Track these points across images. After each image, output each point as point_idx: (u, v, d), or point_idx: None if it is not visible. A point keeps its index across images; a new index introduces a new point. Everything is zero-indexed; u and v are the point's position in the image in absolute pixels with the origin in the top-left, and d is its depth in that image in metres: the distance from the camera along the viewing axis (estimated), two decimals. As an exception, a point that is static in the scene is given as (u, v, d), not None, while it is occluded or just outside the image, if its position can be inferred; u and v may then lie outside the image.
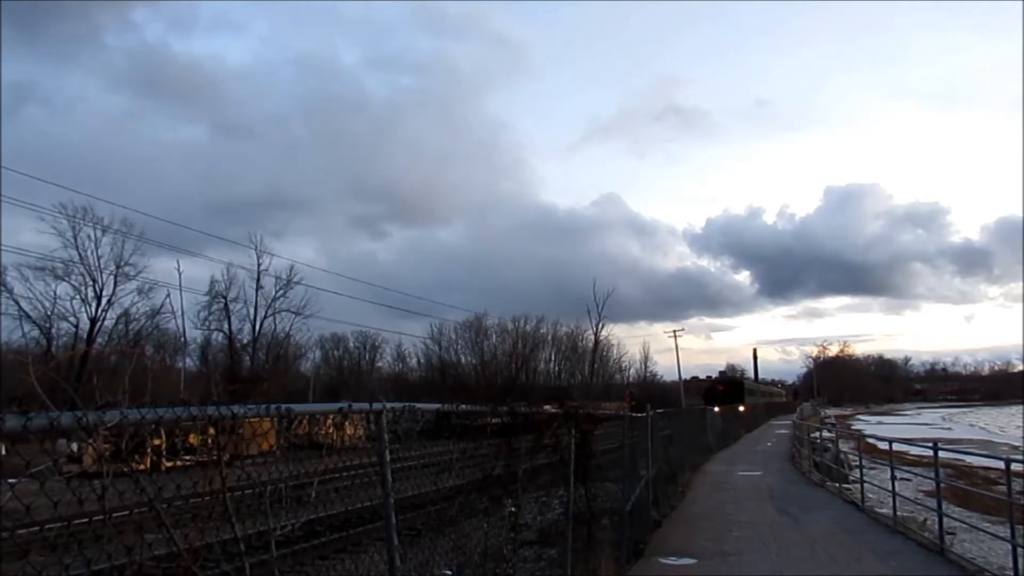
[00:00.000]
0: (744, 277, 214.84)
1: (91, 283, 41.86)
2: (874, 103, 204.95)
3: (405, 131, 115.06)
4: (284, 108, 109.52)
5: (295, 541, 9.83)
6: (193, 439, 17.55)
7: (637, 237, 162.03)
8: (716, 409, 33.44)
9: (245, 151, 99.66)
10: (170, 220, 57.67)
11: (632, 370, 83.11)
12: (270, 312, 50.92)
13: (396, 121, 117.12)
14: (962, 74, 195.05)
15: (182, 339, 44.71)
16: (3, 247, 37.00)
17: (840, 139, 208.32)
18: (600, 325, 74.95)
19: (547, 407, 7.82)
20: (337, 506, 11.81)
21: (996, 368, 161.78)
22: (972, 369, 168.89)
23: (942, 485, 10.76)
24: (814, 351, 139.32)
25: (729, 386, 69.38)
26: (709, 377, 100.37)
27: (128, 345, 37.57)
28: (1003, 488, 9.16)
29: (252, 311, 50.22)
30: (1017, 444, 37.41)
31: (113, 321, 43.68)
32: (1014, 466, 8.55)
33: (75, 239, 40.85)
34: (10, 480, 2.63)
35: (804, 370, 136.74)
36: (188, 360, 47.19)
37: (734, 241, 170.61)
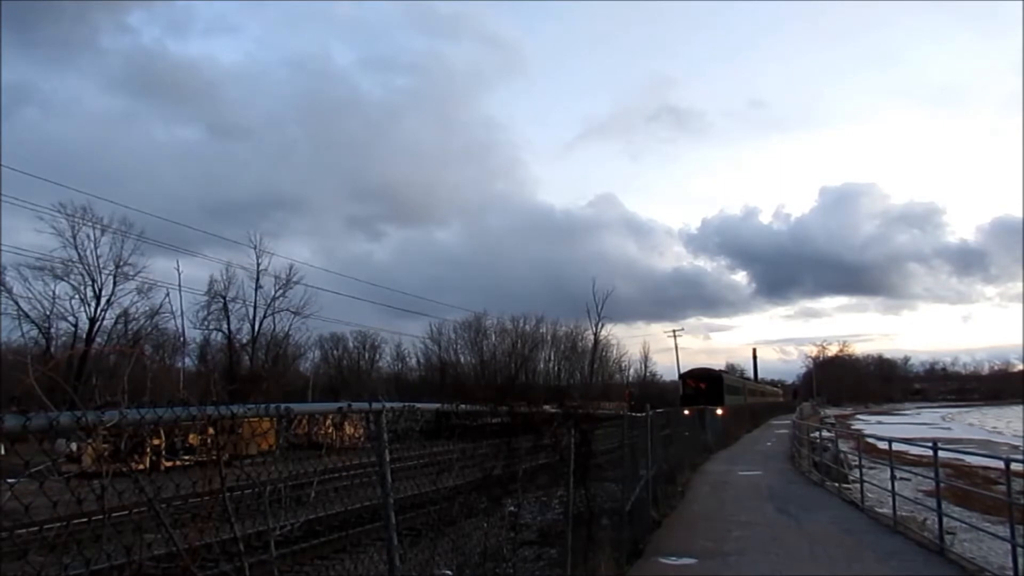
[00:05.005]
0: (741, 277, 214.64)
1: (90, 283, 41.87)
2: (869, 103, 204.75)
3: (401, 131, 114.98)
4: (280, 109, 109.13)
5: (294, 541, 9.82)
6: (193, 439, 17.55)
7: (634, 237, 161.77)
8: (685, 412, 24.32)
9: (241, 151, 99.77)
10: (169, 219, 57.92)
11: (632, 370, 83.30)
12: (269, 312, 50.96)
13: (391, 122, 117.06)
14: (957, 75, 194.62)
15: (181, 339, 44.76)
16: (2, 247, 37.02)
17: (835, 139, 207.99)
18: (599, 325, 75.03)
19: (547, 407, 7.82)
20: (337, 506, 11.80)
21: (995, 368, 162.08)
22: (971, 369, 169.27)
23: (942, 485, 10.76)
24: (813, 351, 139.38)
25: (702, 382, 51.92)
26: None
27: (127, 345, 37.54)
28: (1003, 488, 9.16)
29: (251, 311, 50.27)
30: (1017, 444, 37.42)
31: (112, 321, 43.74)
32: (1014, 466, 8.55)
33: (74, 239, 40.89)
34: (9, 480, 2.63)
35: (803, 370, 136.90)
36: (187, 360, 47.24)
37: (730, 241, 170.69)
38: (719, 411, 34.71)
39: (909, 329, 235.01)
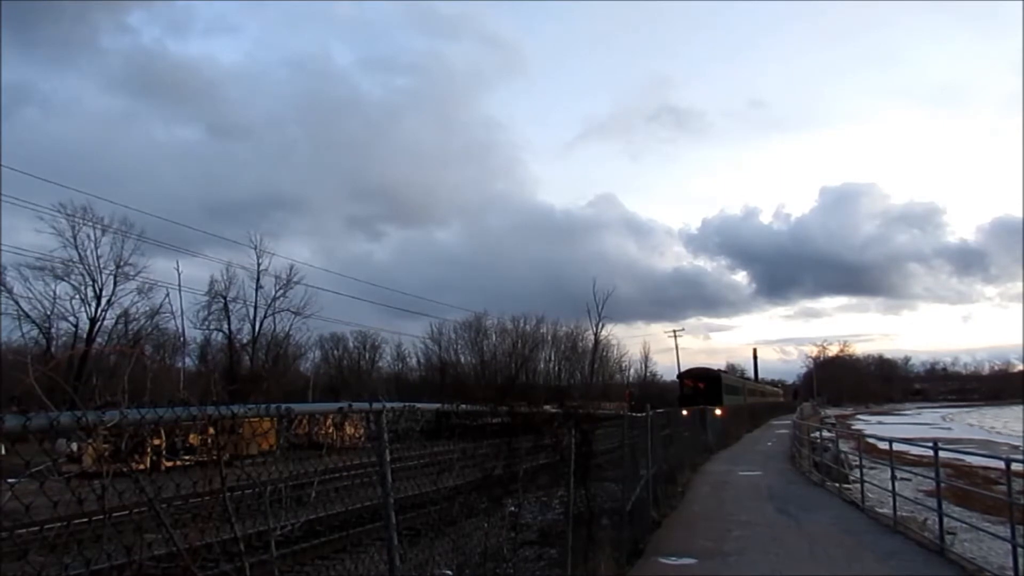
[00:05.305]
0: (741, 277, 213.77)
1: (91, 283, 41.91)
2: (869, 103, 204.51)
3: (401, 132, 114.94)
4: (280, 109, 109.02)
5: (295, 541, 9.82)
6: (193, 439, 17.55)
7: (634, 237, 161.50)
8: (684, 412, 22.98)
9: (241, 151, 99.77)
10: (169, 219, 57.95)
11: (632, 370, 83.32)
12: (270, 312, 51.02)
13: (391, 122, 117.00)
14: (957, 75, 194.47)
15: (181, 339, 44.77)
16: (2, 247, 37.03)
17: (835, 139, 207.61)
18: (600, 325, 75.04)
19: (547, 407, 7.83)
20: (337, 506, 11.80)
21: (996, 368, 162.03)
22: (972, 369, 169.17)
23: (942, 485, 10.75)
24: (814, 351, 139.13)
25: (700, 381, 51.34)
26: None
27: (128, 345, 37.55)
28: (1003, 488, 9.16)
29: (252, 311, 50.32)
30: (1017, 444, 37.39)
31: (113, 321, 43.76)
32: (1014, 466, 8.55)
33: (74, 239, 40.92)
34: (10, 480, 2.63)
35: (804, 370, 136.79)
36: (188, 360, 47.25)
37: (730, 241, 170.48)
38: (717, 411, 33.63)
39: (909, 329, 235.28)
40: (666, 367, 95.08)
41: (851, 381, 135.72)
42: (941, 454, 10.58)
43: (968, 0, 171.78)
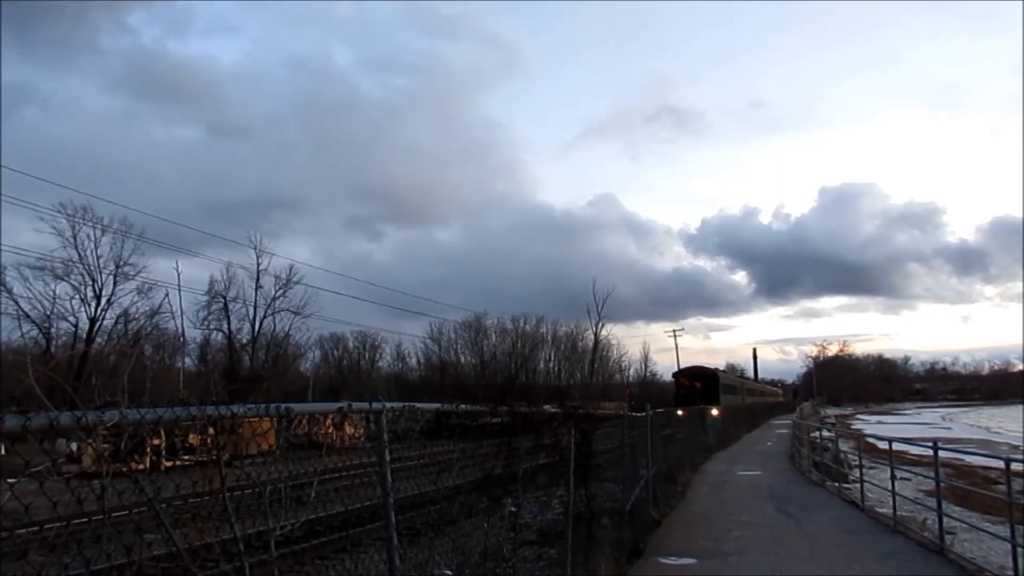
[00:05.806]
0: (741, 277, 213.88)
1: (90, 283, 41.94)
2: (869, 104, 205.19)
3: (401, 132, 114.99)
4: (280, 109, 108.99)
5: (295, 541, 9.82)
6: (193, 439, 17.56)
7: (634, 237, 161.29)
8: (679, 412, 21.80)
9: (241, 151, 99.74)
10: (169, 219, 57.95)
11: (632, 370, 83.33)
12: (269, 312, 51.05)
13: (391, 122, 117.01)
14: (957, 75, 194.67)
15: (181, 339, 44.77)
16: (2, 247, 37.03)
17: (835, 139, 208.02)
18: (600, 325, 75.05)
19: (547, 407, 7.83)
20: (337, 506, 11.80)
21: (995, 368, 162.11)
22: (971, 369, 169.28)
23: (942, 485, 10.76)
24: (813, 351, 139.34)
25: (696, 380, 50.38)
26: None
27: (127, 345, 37.55)
28: (1003, 488, 9.16)
29: (251, 311, 50.36)
30: (1017, 443, 37.39)
31: (112, 321, 43.77)
32: (1014, 465, 8.55)
33: (74, 239, 40.94)
34: (9, 480, 2.63)
35: (804, 370, 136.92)
36: (187, 360, 47.27)
37: (730, 241, 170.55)
38: (714, 411, 32.69)
39: (909, 329, 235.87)
40: (666, 367, 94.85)
41: (851, 381, 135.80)
42: (941, 454, 10.58)
43: (968, 0, 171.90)
